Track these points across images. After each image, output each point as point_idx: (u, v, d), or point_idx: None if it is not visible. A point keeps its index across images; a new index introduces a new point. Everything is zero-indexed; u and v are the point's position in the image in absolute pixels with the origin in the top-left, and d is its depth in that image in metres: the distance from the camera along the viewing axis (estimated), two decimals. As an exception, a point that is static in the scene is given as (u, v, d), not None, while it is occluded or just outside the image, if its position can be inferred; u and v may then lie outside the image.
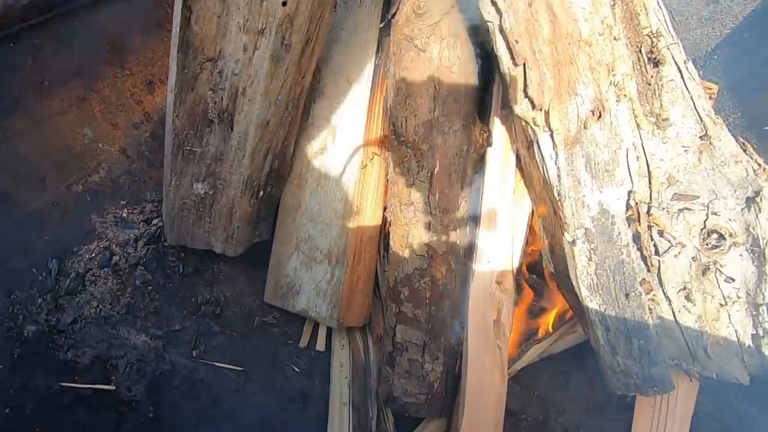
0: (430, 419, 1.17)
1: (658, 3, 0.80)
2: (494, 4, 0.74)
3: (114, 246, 1.19)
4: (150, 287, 1.21)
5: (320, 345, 1.31)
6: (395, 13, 1.03)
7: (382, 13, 1.13)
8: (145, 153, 1.34)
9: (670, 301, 0.92)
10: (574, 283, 0.91)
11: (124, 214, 1.24)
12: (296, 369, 1.30)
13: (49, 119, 1.15)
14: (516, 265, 1.07)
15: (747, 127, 1.52)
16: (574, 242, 0.87)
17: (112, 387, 1.05)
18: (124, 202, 1.26)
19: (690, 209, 0.84)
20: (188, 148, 1.06)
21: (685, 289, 0.89)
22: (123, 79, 1.34)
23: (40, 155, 1.12)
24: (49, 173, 1.13)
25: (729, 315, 0.88)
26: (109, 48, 1.29)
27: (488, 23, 0.78)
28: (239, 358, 1.27)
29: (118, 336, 1.12)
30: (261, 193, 1.18)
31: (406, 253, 1.03)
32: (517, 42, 0.74)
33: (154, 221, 1.28)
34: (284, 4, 0.90)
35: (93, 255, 1.15)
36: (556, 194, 0.83)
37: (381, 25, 1.10)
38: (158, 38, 1.42)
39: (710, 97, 1.14)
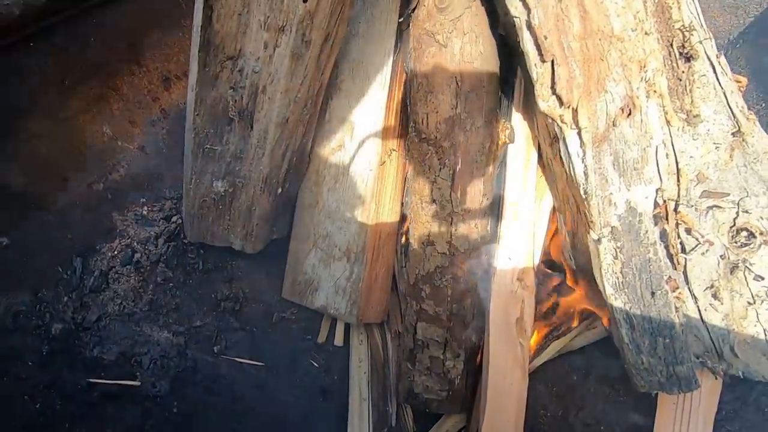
0: (449, 416, 1.18)
1: (691, -5, 0.78)
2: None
3: (135, 244, 1.20)
4: (171, 284, 1.23)
5: (338, 340, 1.32)
6: (415, 7, 1.02)
7: (400, 7, 1.12)
8: (162, 150, 1.35)
9: (696, 299, 0.91)
10: (598, 281, 0.90)
11: (145, 212, 1.25)
12: (315, 364, 1.31)
13: (70, 118, 1.16)
14: (537, 262, 1.06)
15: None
16: (599, 240, 0.86)
17: (137, 383, 1.07)
18: (144, 200, 1.27)
19: (720, 207, 0.82)
20: (208, 146, 1.06)
21: (712, 287, 0.88)
22: (140, 77, 1.34)
23: (62, 155, 1.13)
24: (71, 172, 1.14)
25: (757, 313, 0.87)
26: (125, 45, 1.29)
27: (515, 18, 0.76)
28: (259, 353, 1.28)
29: (141, 333, 1.14)
30: (279, 191, 1.18)
31: (428, 251, 1.03)
32: (545, 38, 0.73)
33: (174, 218, 1.29)
34: (305, 0, 0.89)
35: (115, 253, 1.16)
36: (582, 192, 0.82)
37: (400, 20, 1.08)
38: (173, 35, 1.42)
39: (740, 90, 1.12)
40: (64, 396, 0.98)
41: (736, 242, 0.84)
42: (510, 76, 1.02)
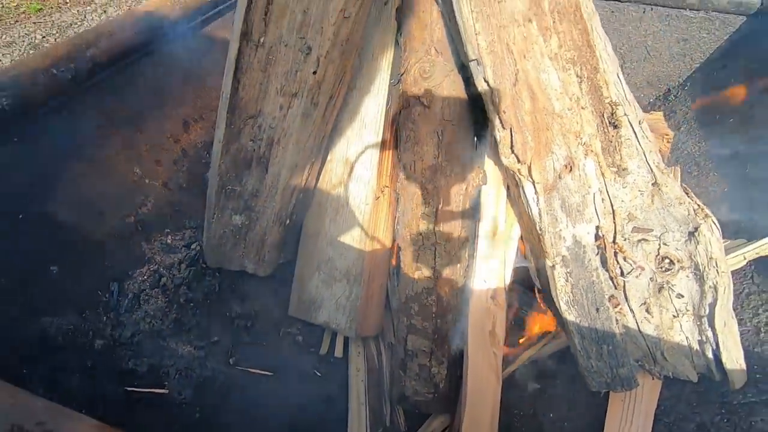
0: (436, 415, 1.36)
1: (618, 76, 1.00)
2: (486, 81, 0.94)
3: (162, 269, 1.37)
4: (192, 304, 1.40)
5: (338, 352, 1.50)
6: (404, 73, 1.23)
7: (392, 68, 1.33)
8: (183, 185, 1.53)
9: (633, 313, 1.12)
10: (554, 299, 1.11)
11: (168, 241, 1.43)
12: (318, 373, 1.49)
13: (106, 160, 1.34)
14: (508, 282, 1.26)
15: (705, 154, 1.73)
16: (554, 267, 1.06)
17: (165, 391, 1.23)
18: (168, 230, 1.44)
19: (646, 240, 1.04)
20: (230, 187, 1.24)
21: (645, 303, 1.09)
22: (163, 122, 1.53)
23: (100, 192, 1.31)
24: (107, 208, 1.32)
25: (681, 325, 1.08)
26: (152, 95, 1.48)
27: (482, 94, 0.98)
28: (269, 364, 1.45)
29: (168, 347, 1.31)
30: (288, 222, 1.37)
31: (416, 275, 1.23)
32: (504, 112, 0.94)
33: (193, 245, 1.47)
34: (315, 72, 1.10)
35: (145, 277, 1.33)
36: (538, 229, 1.02)
37: (392, 81, 1.29)
38: (191, 84, 1.62)
39: (667, 141, 1.35)
40: (105, 403, 1.14)
41: (661, 267, 1.05)
42: (482, 130, 1.23)
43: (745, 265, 1.26)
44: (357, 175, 1.37)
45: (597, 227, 1.03)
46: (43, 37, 4.38)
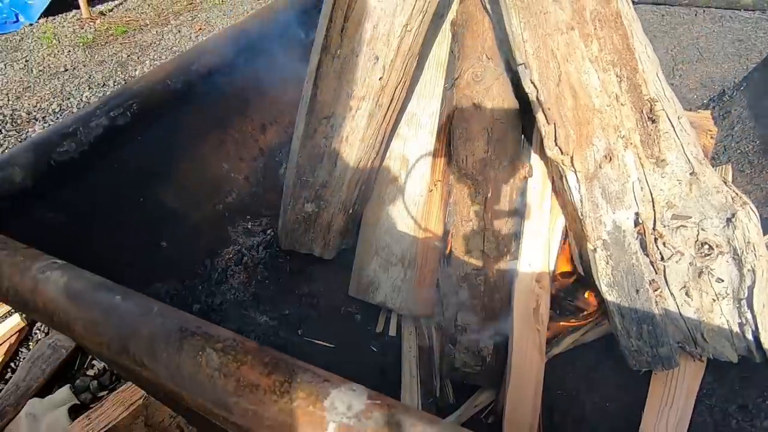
0: (483, 390, 1.47)
1: (657, 75, 1.10)
2: (533, 83, 1.07)
3: (244, 250, 1.60)
4: (267, 281, 1.61)
5: (392, 330, 1.65)
6: (458, 78, 1.38)
7: (446, 74, 1.49)
8: (261, 180, 1.76)
9: (674, 296, 1.19)
10: (596, 281, 1.20)
11: (249, 226, 1.66)
12: (374, 348, 1.65)
13: (203, 158, 1.59)
14: (552, 267, 1.36)
15: (758, 153, 1.73)
16: (595, 250, 1.16)
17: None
18: (249, 217, 1.68)
19: (685, 226, 1.11)
20: (305, 178, 1.45)
21: (684, 287, 1.16)
22: (246, 124, 1.77)
23: (197, 185, 1.56)
24: (202, 197, 1.57)
25: (721, 308, 1.14)
26: (238, 103, 1.73)
27: (529, 94, 1.11)
28: (331, 337, 1.63)
29: (248, 316, 1.52)
30: (351, 211, 1.56)
31: (466, 258, 1.36)
32: (549, 109, 1.07)
33: (269, 231, 1.69)
34: (380, 78, 1.28)
35: (230, 256, 1.57)
36: (579, 214, 1.13)
37: (446, 86, 1.45)
38: (269, 93, 1.86)
39: (711, 137, 1.40)
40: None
41: (700, 253, 1.12)
42: (529, 127, 1.35)
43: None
44: (413, 170, 1.53)
45: (636, 213, 1.12)
46: (128, 55, 4.94)
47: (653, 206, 1.13)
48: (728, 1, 1.86)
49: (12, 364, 2.03)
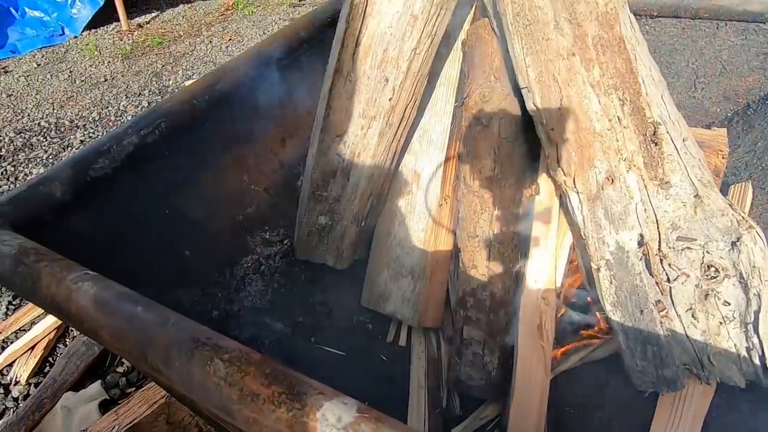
0: (489, 403, 1.49)
1: (662, 98, 1.10)
2: (535, 106, 1.10)
3: (261, 259, 1.68)
4: (283, 289, 1.69)
5: (402, 340, 1.69)
6: (466, 97, 1.42)
7: (456, 93, 1.53)
8: (279, 192, 1.85)
9: (680, 318, 1.18)
10: (600, 300, 1.21)
11: (267, 236, 1.74)
12: (384, 358, 1.69)
13: (224, 170, 1.68)
14: (558, 284, 1.38)
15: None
16: (598, 269, 1.18)
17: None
18: (267, 227, 1.76)
19: (690, 248, 1.11)
20: (318, 193, 1.52)
21: (691, 309, 1.15)
22: (266, 138, 1.86)
23: (218, 196, 1.65)
24: (223, 208, 1.66)
25: (728, 331, 1.13)
26: (258, 118, 1.82)
27: (533, 117, 1.14)
28: (342, 345, 1.69)
29: (264, 322, 1.60)
30: (363, 224, 1.61)
31: (472, 273, 1.39)
32: (552, 130, 1.09)
33: (286, 241, 1.76)
34: (390, 99, 1.33)
35: (249, 264, 1.65)
36: (582, 234, 1.15)
37: (455, 104, 1.49)
38: (288, 110, 1.94)
39: (722, 157, 1.38)
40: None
41: (706, 276, 1.12)
42: (536, 146, 1.38)
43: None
44: (423, 185, 1.57)
45: (640, 234, 1.13)
46: (163, 65, 5.19)
47: (657, 227, 1.13)
48: (753, 15, 1.82)
49: (50, 359, 2.19)
